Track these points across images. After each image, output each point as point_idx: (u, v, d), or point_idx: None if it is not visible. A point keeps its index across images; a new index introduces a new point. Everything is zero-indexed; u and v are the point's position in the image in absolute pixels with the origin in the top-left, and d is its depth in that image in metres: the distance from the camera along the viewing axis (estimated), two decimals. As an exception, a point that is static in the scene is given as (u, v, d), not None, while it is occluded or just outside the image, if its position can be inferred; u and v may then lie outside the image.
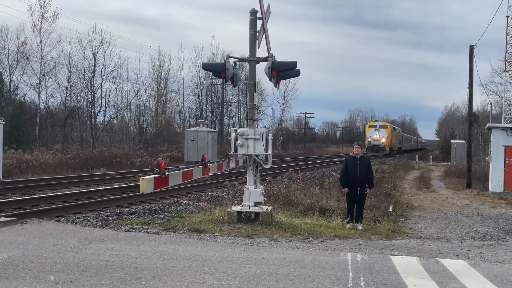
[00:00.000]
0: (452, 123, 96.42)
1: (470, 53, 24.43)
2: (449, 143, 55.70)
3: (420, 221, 12.89)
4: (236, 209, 10.29)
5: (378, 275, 6.53)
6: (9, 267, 6.25)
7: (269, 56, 10.70)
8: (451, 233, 11.03)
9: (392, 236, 10.18)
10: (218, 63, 12.06)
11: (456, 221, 13.13)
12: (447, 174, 32.06)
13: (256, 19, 10.75)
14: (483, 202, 17.83)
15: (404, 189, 22.18)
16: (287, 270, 6.60)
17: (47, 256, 6.88)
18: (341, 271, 6.69)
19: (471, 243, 9.79)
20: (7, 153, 24.30)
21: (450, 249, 8.94)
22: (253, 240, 8.70)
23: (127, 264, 6.60)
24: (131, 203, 14.03)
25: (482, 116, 62.95)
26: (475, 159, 29.08)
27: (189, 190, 17.16)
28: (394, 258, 7.70)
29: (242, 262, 6.99)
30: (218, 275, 6.23)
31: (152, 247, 7.79)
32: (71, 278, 5.91)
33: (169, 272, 6.29)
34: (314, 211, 11.94)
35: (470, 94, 24.97)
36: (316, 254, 7.81)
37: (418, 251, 8.62)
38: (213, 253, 7.46)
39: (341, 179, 11.14)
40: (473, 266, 7.39)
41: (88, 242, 8.00)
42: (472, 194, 20.75)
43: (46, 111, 40.18)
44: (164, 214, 11.78)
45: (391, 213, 13.06)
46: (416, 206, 15.88)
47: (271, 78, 10.78)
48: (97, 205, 13.31)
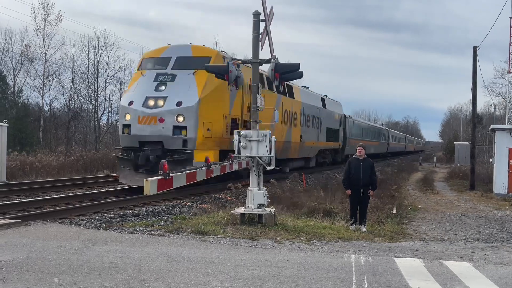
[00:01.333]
0: (455, 124, 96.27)
1: (474, 54, 24.38)
2: (452, 144, 55.63)
3: (423, 223, 12.85)
4: (240, 211, 10.29)
5: (381, 277, 6.51)
6: (13, 269, 6.27)
7: (272, 58, 10.72)
8: (455, 235, 10.99)
9: (396, 238, 10.16)
10: (222, 65, 12.09)
11: (460, 223, 13.09)
12: (450, 175, 31.95)
13: (259, 21, 10.77)
14: (487, 204, 17.77)
15: (408, 190, 22.13)
16: (290, 272, 6.60)
17: (51, 258, 6.90)
18: (344, 273, 6.68)
19: (475, 245, 9.76)
20: (11, 155, 24.36)
21: (454, 251, 8.91)
22: (257, 242, 8.70)
23: (130, 266, 6.61)
24: (134, 205, 14.04)
25: (486, 118, 62.89)
26: (478, 161, 28.99)
27: (192, 191, 17.15)
28: (398, 260, 7.68)
29: (245, 264, 6.98)
30: (221, 277, 6.23)
31: (156, 249, 7.79)
32: (75, 280, 5.92)
33: (173, 274, 6.29)
34: (317, 213, 11.92)
35: (474, 96, 24.92)
36: (319, 256, 7.80)
37: (422, 253, 8.60)
38: (217, 255, 7.46)
39: (344, 181, 11.12)
40: (477, 268, 7.37)
41: (92, 244, 8.01)
42: (476, 195, 20.68)
43: (49, 114, 40.29)
44: (167, 216, 11.78)
45: (395, 215, 13.03)
46: (419, 208, 15.84)
47: (274, 80, 10.79)
48: (100, 207, 13.31)
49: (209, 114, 15.95)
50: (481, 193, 21.00)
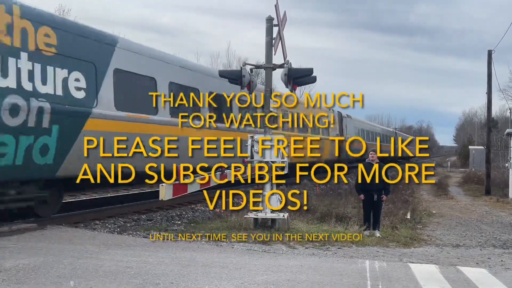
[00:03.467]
0: (470, 129, 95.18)
1: (489, 58, 24.17)
2: (467, 149, 55.02)
3: (438, 228, 12.74)
4: (253, 216, 10.30)
5: (397, 283, 6.47)
6: (30, 273, 6.34)
7: (285, 63, 10.73)
8: (470, 241, 10.88)
9: (411, 243, 10.08)
10: (235, 70, 12.13)
11: (476, 228, 12.95)
12: (465, 180, 31.62)
13: (272, 26, 10.81)
14: (503, 209, 17.55)
15: (422, 195, 21.95)
16: (304, 278, 6.58)
17: (67, 262, 6.96)
18: (359, 278, 6.64)
19: (492, 251, 9.64)
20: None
21: (470, 257, 8.81)
22: (270, 247, 8.70)
23: (145, 270, 6.65)
24: (148, 209, 14.11)
25: (501, 122, 62.06)
26: (494, 166, 28.67)
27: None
28: (412, 266, 7.62)
29: (259, 269, 6.98)
30: (235, 282, 6.24)
31: (170, 253, 7.83)
32: (90, 284, 5.98)
33: (187, 279, 6.32)
34: (330, 218, 11.88)
35: (489, 100, 24.71)
36: (333, 261, 7.77)
37: (437, 258, 8.52)
38: (230, 260, 7.47)
39: (356, 185, 11.08)
40: (494, 274, 7.28)
41: (107, 248, 8.07)
42: (491, 201, 20.44)
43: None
44: (181, 220, 11.84)
45: (409, 220, 12.93)
46: (434, 213, 15.70)
47: (287, 85, 10.80)
48: (115, 211, 13.41)
49: None
50: (496, 198, 20.76)
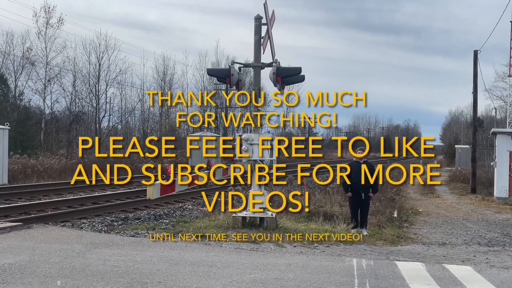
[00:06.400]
0: (456, 128, 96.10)
1: (474, 58, 24.42)
2: (453, 148, 55.55)
3: (425, 226, 12.85)
4: (241, 215, 10.30)
5: (383, 281, 6.52)
6: (16, 272, 6.28)
7: (273, 61, 10.74)
8: (456, 239, 11.00)
9: (397, 241, 10.16)
10: (223, 69, 12.13)
11: (461, 226, 13.09)
12: (451, 179, 31.90)
13: (261, 25, 10.80)
14: (488, 208, 17.76)
15: (409, 194, 22.11)
16: (292, 276, 6.61)
17: (54, 261, 6.91)
18: (346, 276, 6.69)
19: (477, 249, 9.76)
20: (13, 158, 24.38)
21: (456, 255, 8.91)
22: (258, 246, 8.71)
23: (133, 270, 6.62)
24: (136, 208, 14.07)
25: (487, 121, 62.75)
26: (479, 164, 28.93)
27: (194, 195, 17.17)
28: (399, 263, 7.69)
29: (247, 267, 7.00)
30: (223, 281, 6.24)
31: (158, 252, 7.81)
32: (78, 283, 5.94)
33: (175, 278, 6.31)
34: (318, 217, 11.93)
35: (475, 99, 24.96)
36: (321, 259, 7.81)
37: (424, 256, 8.60)
38: (219, 259, 7.47)
39: (343, 184, 11.10)
40: (479, 272, 7.38)
41: (94, 247, 8.02)
42: (477, 199, 20.67)
43: (51, 117, 40.34)
44: (169, 219, 11.81)
45: (396, 219, 13.03)
46: (420, 212, 15.83)
47: (275, 84, 10.81)
48: (102, 210, 13.34)
49: None
50: (482, 197, 21.00)
